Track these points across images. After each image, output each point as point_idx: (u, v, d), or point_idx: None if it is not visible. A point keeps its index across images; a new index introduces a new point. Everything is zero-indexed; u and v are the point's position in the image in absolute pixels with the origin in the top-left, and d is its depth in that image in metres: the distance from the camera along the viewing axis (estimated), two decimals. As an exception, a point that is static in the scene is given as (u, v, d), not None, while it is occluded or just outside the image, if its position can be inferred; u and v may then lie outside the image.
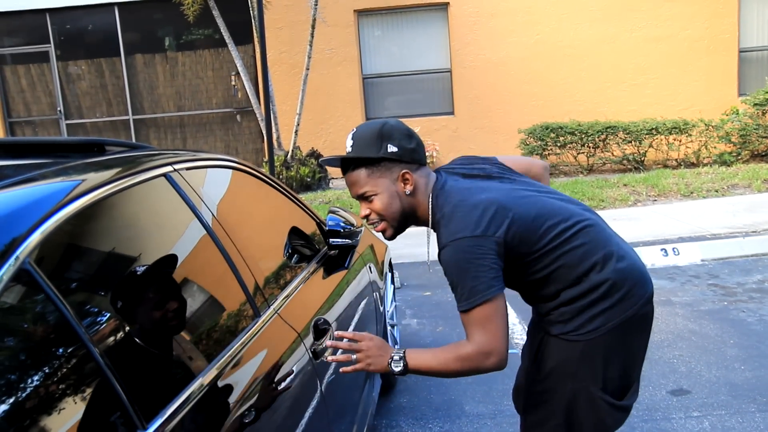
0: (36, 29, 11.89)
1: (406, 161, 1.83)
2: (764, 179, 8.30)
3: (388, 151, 1.80)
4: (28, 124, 12.27)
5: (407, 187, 1.83)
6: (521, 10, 11.10)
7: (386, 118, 1.90)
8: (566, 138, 10.02)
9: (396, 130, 1.84)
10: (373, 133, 1.82)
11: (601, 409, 1.84)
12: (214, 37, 11.53)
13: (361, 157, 1.81)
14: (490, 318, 1.70)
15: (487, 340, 1.69)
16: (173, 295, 1.55)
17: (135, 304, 1.40)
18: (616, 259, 1.85)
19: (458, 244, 1.71)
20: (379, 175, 1.82)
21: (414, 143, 1.86)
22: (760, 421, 3.04)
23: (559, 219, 1.82)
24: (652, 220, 6.97)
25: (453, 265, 1.72)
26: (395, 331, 3.84)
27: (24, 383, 1.05)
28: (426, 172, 1.88)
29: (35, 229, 1.16)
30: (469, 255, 1.70)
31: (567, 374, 1.83)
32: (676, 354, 3.83)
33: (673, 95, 11.07)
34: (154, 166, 1.67)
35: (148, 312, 1.43)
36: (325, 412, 1.93)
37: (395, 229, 1.89)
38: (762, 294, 4.74)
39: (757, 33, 11.25)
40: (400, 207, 1.84)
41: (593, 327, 1.79)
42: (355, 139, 1.84)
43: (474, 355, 1.69)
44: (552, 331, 1.85)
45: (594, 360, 1.81)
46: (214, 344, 1.58)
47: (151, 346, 1.37)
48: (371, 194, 1.83)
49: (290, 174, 9.78)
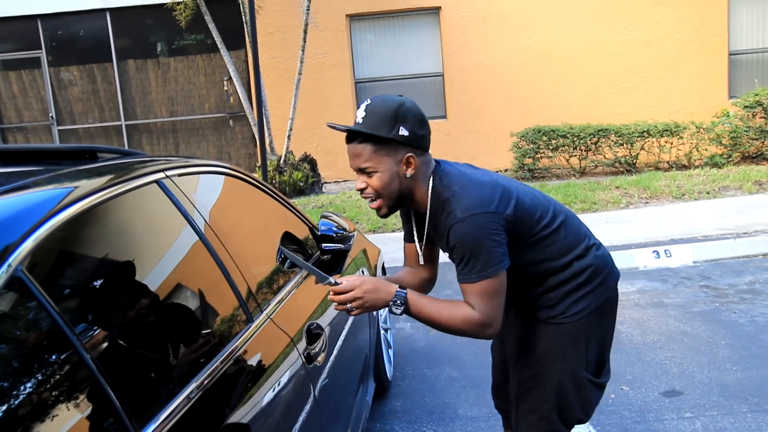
0: (27, 35, 11.86)
1: (414, 146, 1.84)
2: (755, 181, 8.35)
3: (399, 134, 1.81)
4: (20, 131, 12.23)
5: (409, 171, 1.85)
6: (513, 14, 11.14)
7: (401, 96, 1.89)
8: (558, 141, 10.06)
9: (411, 114, 1.84)
10: (388, 111, 1.81)
11: (587, 387, 2.00)
12: (206, 43, 11.53)
13: (371, 134, 1.81)
14: (497, 291, 1.80)
15: (491, 312, 1.79)
16: (166, 301, 1.55)
17: (127, 310, 1.40)
18: (596, 248, 2.03)
19: (474, 219, 1.77)
20: (385, 154, 1.83)
21: (425, 130, 1.87)
22: (752, 421, 3.06)
23: (547, 209, 1.96)
24: (644, 223, 7.00)
25: (469, 239, 1.78)
26: (389, 335, 3.85)
27: (17, 391, 1.05)
28: (428, 159, 1.91)
29: (27, 237, 1.17)
30: (485, 230, 1.78)
31: (557, 356, 1.96)
32: (669, 355, 3.84)
33: (664, 98, 11.13)
34: (146, 173, 1.67)
35: (140, 318, 1.43)
36: (318, 417, 1.93)
37: (389, 208, 1.91)
38: (753, 295, 4.77)
39: (746, 36, 11.32)
40: (398, 188, 1.87)
41: (578, 309, 1.94)
42: (368, 112, 1.82)
43: (477, 322, 1.79)
44: (539, 316, 1.98)
45: (579, 341, 1.96)
46: (206, 350, 1.58)
47: (143, 351, 1.37)
48: (372, 170, 1.84)
49: (283, 179, 9.78)
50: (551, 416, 1.99)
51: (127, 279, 1.46)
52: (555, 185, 9.09)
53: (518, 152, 10.14)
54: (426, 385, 3.68)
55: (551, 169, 10.42)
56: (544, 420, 1.99)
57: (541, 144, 10.08)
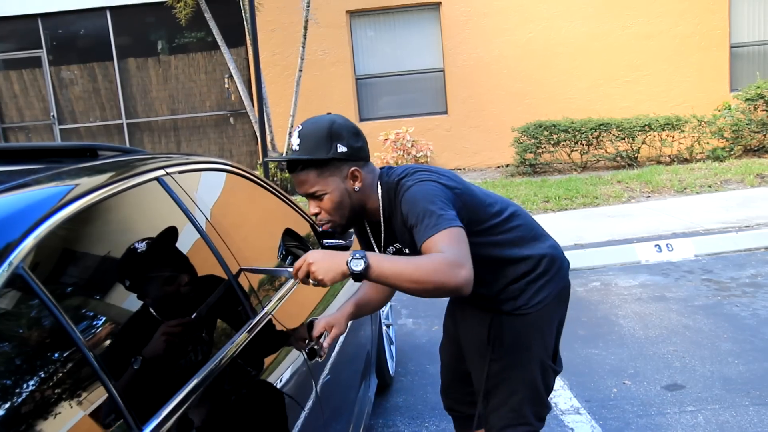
0: (28, 34, 11.86)
1: (354, 159, 1.85)
2: (757, 174, 8.33)
3: (338, 152, 1.81)
4: (22, 130, 12.25)
5: (356, 184, 1.86)
6: (513, 8, 11.12)
7: (330, 114, 1.89)
8: (560, 136, 10.04)
9: (344, 129, 1.84)
10: (321, 132, 1.81)
11: (550, 375, 2.06)
12: (207, 40, 11.52)
13: (311, 159, 1.80)
14: (460, 239, 1.66)
15: (460, 253, 1.62)
16: (167, 298, 1.56)
17: (128, 307, 1.41)
18: (547, 238, 2.10)
19: (425, 184, 1.79)
20: (329, 174, 1.83)
21: (361, 141, 1.88)
22: (754, 414, 3.06)
23: (497, 200, 2.02)
24: (646, 217, 7.00)
25: (420, 198, 1.74)
26: (391, 331, 3.85)
27: (19, 388, 1.05)
28: (371, 168, 1.93)
29: (28, 234, 1.17)
30: (435, 193, 1.77)
31: (523, 347, 2.00)
32: (671, 349, 3.85)
33: (665, 92, 11.11)
34: (147, 170, 1.68)
35: (141, 315, 1.44)
36: (320, 413, 1.94)
37: (344, 226, 1.92)
38: (755, 288, 4.77)
39: (747, 28, 11.29)
40: (349, 204, 1.87)
41: (540, 298, 1.99)
42: (302, 137, 1.82)
43: (448, 261, 1.58)
44: (504, 308, 2.00)
45: (543, 330, 2.02)
46: (208, 346, 1.59)
47: (145, 348, 1.38)
48: (321, 193, 1.84)
49: (284, 175, 9.78)
50: (522, 408, 2.00)
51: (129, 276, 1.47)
52: (557, 180, 9.09)
53: (519, 147, 10.13)
54: (428, 381, 3.68)
55: (553, 164, 10.41)
56: (514, 412, 2.00)
57: (543, 139, 10.07)
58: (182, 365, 1.48)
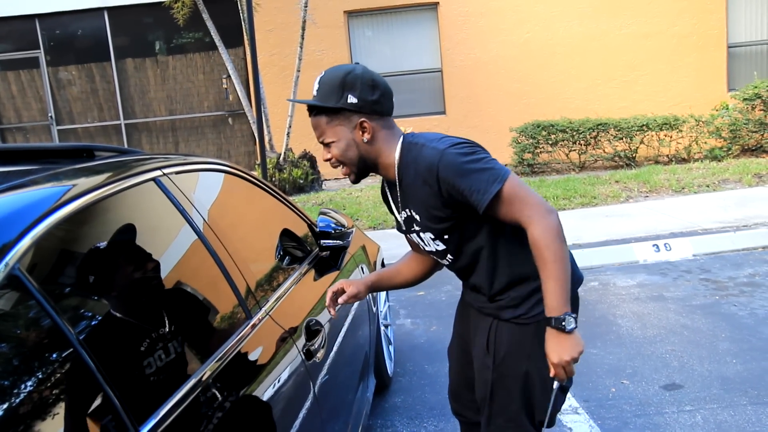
0: (25, 35, 11.86)
1: (366, 112, 1.84)
2: (755, 173, 8.34)
3: (347, 102, 1.81)
4: (19, 131, 12.24)
5: (365, 136, 1.85)
6: (510, 9, 11.13)
7: (355, 63, 1.89)
8: (558, 136, 10.05)
9: (359, 80, 1.82)
10: (335, 81, 1.82)
11: (552, 390, 1.91)
12: (205, 41, 11.53)
13: (321, 105, 1.83)
14: (518, 185, 1.76)
15: (536, 202, 1.75)
16: (165, 298, 1.56)
17: (126, 307, 1.40)
18: None
19: (457, 146, 1.78)
20: (338, 124, 1.84)
21: (377, 95, 1.84)
22: (752, 413, 3.07)
23: None
24: (644, 216, 7.01)
25: (463, 162, 1.75)
26: (389, 331, 3.85)
27: (15, 389, 1.05)
28: (389, 124, 1.91)
29: (24, 235, 1.17)
30: (473, 152, 1.78)
31: (522, 356, 1.91)
32: (669, 349, 3.85)
33: (663, 91, 11.12)
34: (143, 171, 1.68)
35: (139, 315, 1.44)
36: (318, 413, 1.93)
37: (356, 174, 1.92)
38: (753, 288, 4.78)
39: (744, 28, 11.31)
40: (357, 154, 1.87)
41: (542, 309, 1.83)
42: (320, 84, 1.85)
43: (543, 226, 1.72)
44: (503, 316, 1.93)
45: (544, 342, 1.86)
46: (205, 347, 1.58)
47: (142, 349, 1.38)
48: (329, 141, 1.86)
49: (283, 176, 9.78)
50: (519, 418, 1.93)
51: (125, 276, 1.46)
52: (555, 180, 9.09)
53: (518, 147, 10.14)
54: (426, 381, 3.68)
55: (551, 163, 10.42)
56: (512, 422, 1.94)
57: (541, 139, 10.07)
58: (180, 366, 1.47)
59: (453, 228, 1.88)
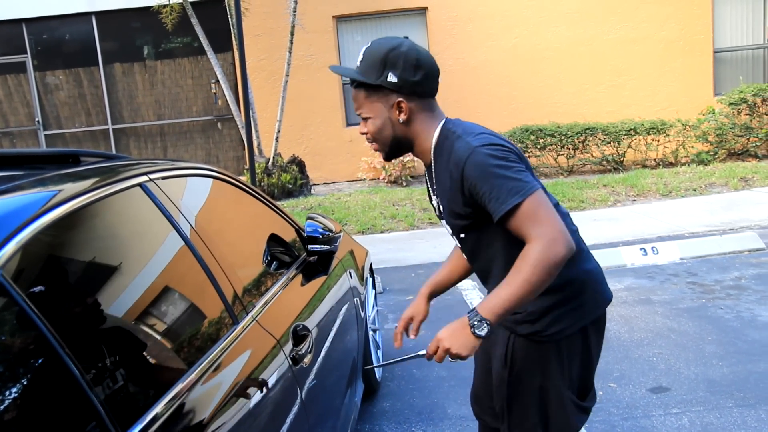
0: (12, 39, 11.79)
1: (405, 93, 1.78)
2: (741, 177, 8.42)
3: (387, 80, 1.76)
4: (6, 136, 12.16)
5: (401, 116, 1.80)
6: (498, 13, 11.18)
7: (404, 39, 1.83)
8: (546, 140, 10.10)
9: (402, 58, 1.76)
10: (378, 56, 1.77)
11: (569, 408, 1.87)
12: (193, 45, 11.51)
13: (360, 80, 1.79)
14: (541, 204, 1.64)
15: (550, 223, 1.61)
16: (151, 304, 1.55)
17: (111, 313, 1.40)
18: (585, 260, 1.89)
19: (491, 147, 1.69)
20: (376, 100, 1.80)
21: (419, 75, 1.77)
22: (737, 416, 3.09)
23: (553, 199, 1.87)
24: (632, 220, 7.05)
25: (491, 165, 1.66)
26: (377, 336, 3.85)
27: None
28: (430, 105, 1.85)
29: (8, 241, 1.16)
30: (506, 157, 1.69)
31: (537, 372, 1.85)
32: (656, 352, 3.87)
33: (650, 96, 11.20)
34: (129, 176, 1.67)
35: (124, 322, 1.43)
36: (305, 418, 1.93)
37: (387, 153, 1.90)
38: (739, 291, 4.81)
39: (730, 33, 11.41)
40: (392, 134, 1.84)
41: (559, 329, 1.79)
42: (364, 56, 1.80)
43: (543, 248, 1.57)
44: (519, 330, 1.85)
45: (562, 359, 1.83)
46: (191, 352, 1.58)
47: (128, 354, 1.37)
48: (366, 116, 1.83)
49: (272, 181, 9.77)
50: None
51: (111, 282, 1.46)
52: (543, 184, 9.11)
53: (506, 152, 10.16)
54: (415, 386, 3.68)
55: (539, 168, 10.46)
56: None
57: (529, 143, 10.12)
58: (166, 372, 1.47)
59: (469, 228, 1.83)
